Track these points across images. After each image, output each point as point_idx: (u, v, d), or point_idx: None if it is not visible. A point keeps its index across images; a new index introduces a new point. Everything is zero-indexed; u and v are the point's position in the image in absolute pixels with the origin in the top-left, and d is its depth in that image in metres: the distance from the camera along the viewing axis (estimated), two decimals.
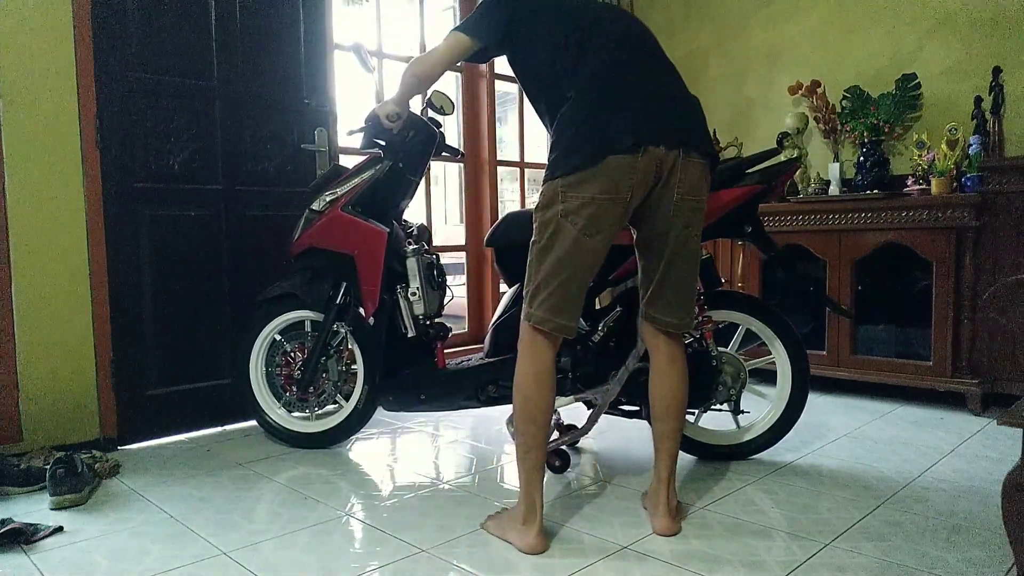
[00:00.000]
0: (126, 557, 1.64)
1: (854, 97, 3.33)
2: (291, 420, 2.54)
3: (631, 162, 1.53)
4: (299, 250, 2.46)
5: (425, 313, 2.35)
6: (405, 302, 2.35)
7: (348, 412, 2.47)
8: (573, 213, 1.54)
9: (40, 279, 2.35)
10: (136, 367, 2.55)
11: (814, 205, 3.13)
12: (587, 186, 1.53)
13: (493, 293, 3.87)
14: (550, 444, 2.17)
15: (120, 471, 2.25)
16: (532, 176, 4.37)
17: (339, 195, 2.39)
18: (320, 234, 2.39)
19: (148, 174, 2.56)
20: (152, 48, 2.55)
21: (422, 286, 2.33)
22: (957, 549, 1.61)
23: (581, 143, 1.55)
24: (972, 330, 2.80)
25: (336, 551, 1.65)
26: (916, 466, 2.19)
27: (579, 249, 1.56)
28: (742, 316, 2.21)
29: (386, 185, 2.35)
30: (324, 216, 2.39)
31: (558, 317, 1.58)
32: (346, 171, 2.45)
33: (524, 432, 1.62)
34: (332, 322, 2.41)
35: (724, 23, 3.89)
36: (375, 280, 2.29)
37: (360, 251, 2.32)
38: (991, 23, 3.03)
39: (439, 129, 2.46)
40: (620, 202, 1.56)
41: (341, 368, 2.48)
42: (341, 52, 3.12)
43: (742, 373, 2.17)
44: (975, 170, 2.86)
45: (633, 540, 1.68)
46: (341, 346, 2.47)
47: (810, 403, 2.27)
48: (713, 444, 2.25)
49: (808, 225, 3.12)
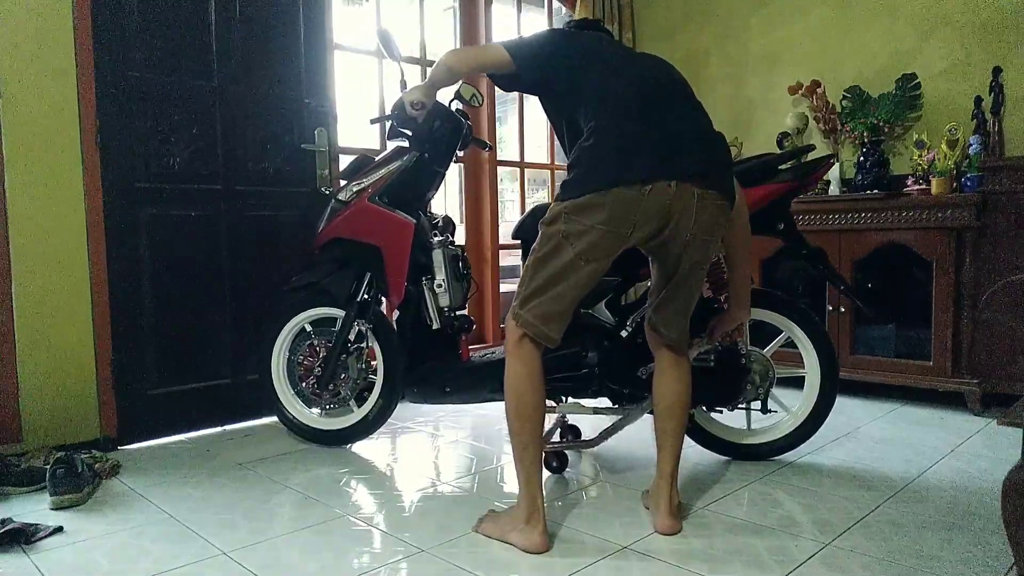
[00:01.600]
0: (126, 557, 1.63)
1: (854, 97, 3.33)
2: (311, 416, 2.55)
3: (637, 197, 1.53)
4: (324, 240, 2.45)
5: (450, 305, 2.34)
6: (431, 294, 2.33)
7: (368, 409, 2.46)
8: (574, 236, 1.56)
9: (40, 279, 2.35)
10: (136, 367, 2.55)
11: (814, 205, 3.13)
12: (590, 214, 1.54)
13: (493, 292, 3.87)
14: (556, 445, 2.17)
15: (120, 471, 2.25)
16: (532, 176, 4.37)
17: (366, 186, 2.37)
18: (346, 224, 2.38)
19: (148, 174, 2.56)
20: (152, 48, 2.55)
21: (447, 278, 2.32)
22: (957, 549, 1.61)
23: (592, 172, 1.56)
24: (972, 330, 2.80)
25: (336, 551, 1.65)
26: (916, 466, 2.19)
27: (574, 270, 1.58)
28: (771, 314, 2.18)
29: (413, 176, 2.33)
30: (350, 207, 2.37)
31: (545, 326, 1.60)
32: (372, 161, 2.43)
33: (519, 430, 1.63)
34: (353, 319, 2.41)
35: (724, 23, 3.89)
36: (401, 271, 2.28)
37: (387, 242, 2.30)
38: (991, 23, 3.03)
39: (467, 121, 2.44)
40: (620, 236, 1.56)
41: (361, 366, 2.47)
42: (341, 52, 3.13)
43: (770, 372, 2.15)
44: (975, 170, 2.86)
45: (633, 540, 1.68)
46: (361, 343, 2.45)
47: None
48: (734, 442, 2.24)
49: (808, 225, 3.12)
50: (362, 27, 3.51)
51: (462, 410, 3.02)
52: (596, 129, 1.59)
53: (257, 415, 2.86)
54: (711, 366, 2.08)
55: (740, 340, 2.12)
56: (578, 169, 1.59)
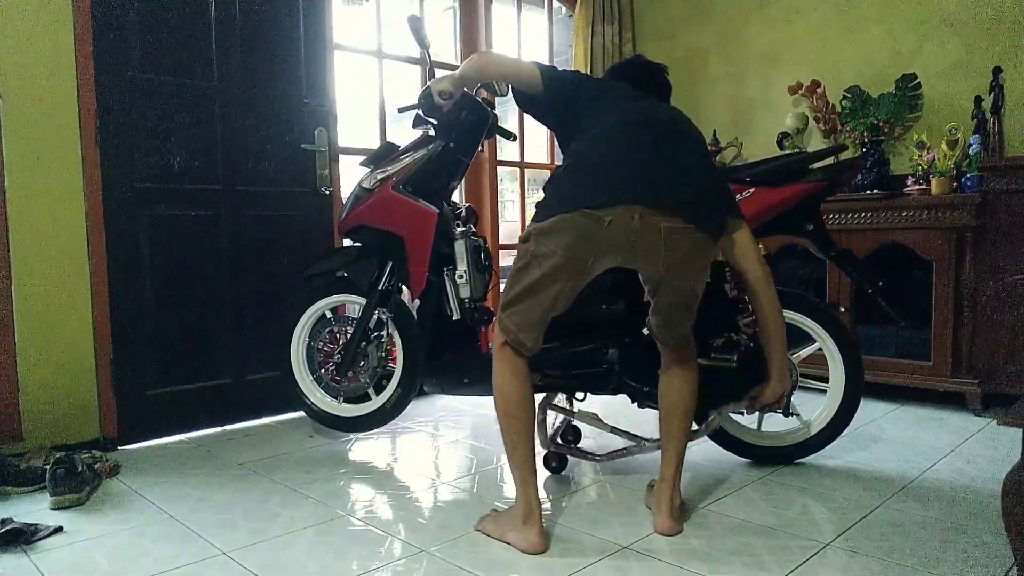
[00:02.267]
0: (126, 557, 1.64)
1: (854, 97, 3.33)
2: (329, 403, 2.56)
3: (596, 228, 1.49)
4: (347, 228, 2.44)
5: (471, 296, 2.33)
6: (452, 285, 2.32)
7: (387, 397, 2.46)
8: (541, 257, 1.56)
9: (40, 279, 2.35)
10: (136, 367, 2.55)
11: None
12: (554, 238, 1.53)
13: (494, 292, 3.86)
14: (561, 448, 2.17)
15: (120, 471, 2.25)
16: (532, 176, 4.37)
17: (390, 174, 2.35)
18: (370, 212, 2.36)
19: (148, 174, 2.57)
20: (152, 48, 2.55)
21: (469, 269, 2.31)
22: (957, 549, 1.61)
23: (559, 195, 1.56)
24: (972, 330, 2.80)
25: (336, 551, 1.65)
26: (916, 466, 2.19)
27: (543, 288, 1.58)
28: (797, 315, 2.15)
29: (437, 165, 2.32)
30: (374, 194, 2.36)
31: (521, 333, 1.61)
32: (397, 149, 2.42)
33: (508, 428, 1.64)
34: (374, 308, 2.40)
35: (724, 23, 3.89)
36: (423, 261, 2.27)
37: (410, 231, 2.29)
38: (991, 23, 3.03)
39: (492, 111, 2.43)
40: (581, 263, 1.55)
41: (381, 354, 2.47)
42: (341, 52, 3.12)
43: (793, 374, 2.12)
44: (975, 170, 2.86)
45: (633, 540, 1.68)
46: (382, 332, 2.45)
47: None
48: (757, 445, 2.22)
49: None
50: (362, 27, 3.50)
51: (462, 410, 3.02)
52: (573, 152, 1.60)
53: (257, 415, 2.86)
54: (733, 367, 2.03)
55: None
56: (548, 192, 1.59)
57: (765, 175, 2.04)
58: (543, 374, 2.15)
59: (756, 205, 2.01)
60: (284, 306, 2.66)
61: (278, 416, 2.90)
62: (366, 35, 3.36)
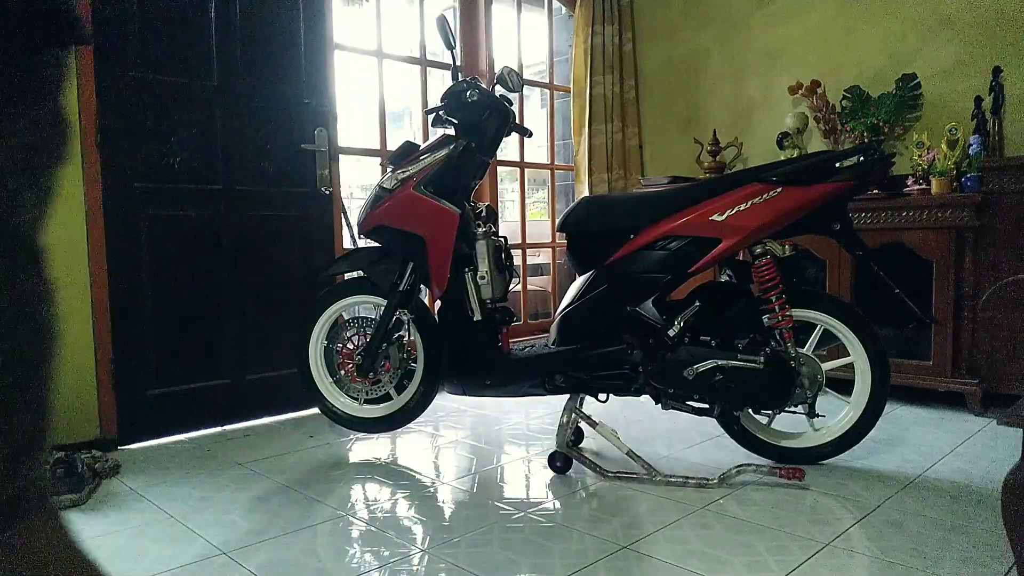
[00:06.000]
0: (126, 557, 1.64)
1: (854, 97, 3.33)
2: (349, 404, 2.56)
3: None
4: (367, 228, 2.43)
5: (492, 297, 2.32)
6: (473, 285, 2.31)
7: (408, 397, 2.46)
8: None
9: None
10: (136, 367, 2.55)
11: None
12: None
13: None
14: (572, 453, 2.16)
15: (120, 471, 2.25)
16: (532, 176, 4.37)
17: (411, 174, 2.34)
18: (390, 213, 2.35)
19: (148, 174, 2.56)
20: (152, 48, 2.55)
21: (490, 269, 2.30)
22: (956, 549, 1.61)
23: None
24: (972, 330, 2.80)
25: (336, 551, 1.65)
26: (916, 466, 2.19)
27: None
28: (825, 317, 2.14)
29: (459, 166, 2.31)
30: (395, 195, 2.35)
31: None
32: (417, 149, 2.40)
33: None
34: (395, 309, 2.40)
35: (724, 23, 3.89)
36: (445, 262, 2.26)
37: (431, 232, 2.28)
38: (991, 23, 3.03)
39: (511, 107, 2.42)
40: None
41: (403, 355, 2.47)
42: (341, 52, 3.12)
43: (819, 375, 2.10)
44: (975, 170, 2.86)
45: (633, 540, 1.68)
46: (402, 332, 2.44)
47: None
48: (783, 447, 2.21)
49: None
50: (362, 27, 3.50)
51: (462, 410, 3.02)
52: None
53: (257, 415, 2.86)
54: (760, 367, 2.01)
55: (789, 342, 2.06)
56: None
57: (794, 174, 2.01)
58: (566, 375, 2.15)
59: (785, 205, 2.00)
60: (284, 306, 2.65)
61: (278, 416, 2.91)
62: (366, 35, 3.36)
